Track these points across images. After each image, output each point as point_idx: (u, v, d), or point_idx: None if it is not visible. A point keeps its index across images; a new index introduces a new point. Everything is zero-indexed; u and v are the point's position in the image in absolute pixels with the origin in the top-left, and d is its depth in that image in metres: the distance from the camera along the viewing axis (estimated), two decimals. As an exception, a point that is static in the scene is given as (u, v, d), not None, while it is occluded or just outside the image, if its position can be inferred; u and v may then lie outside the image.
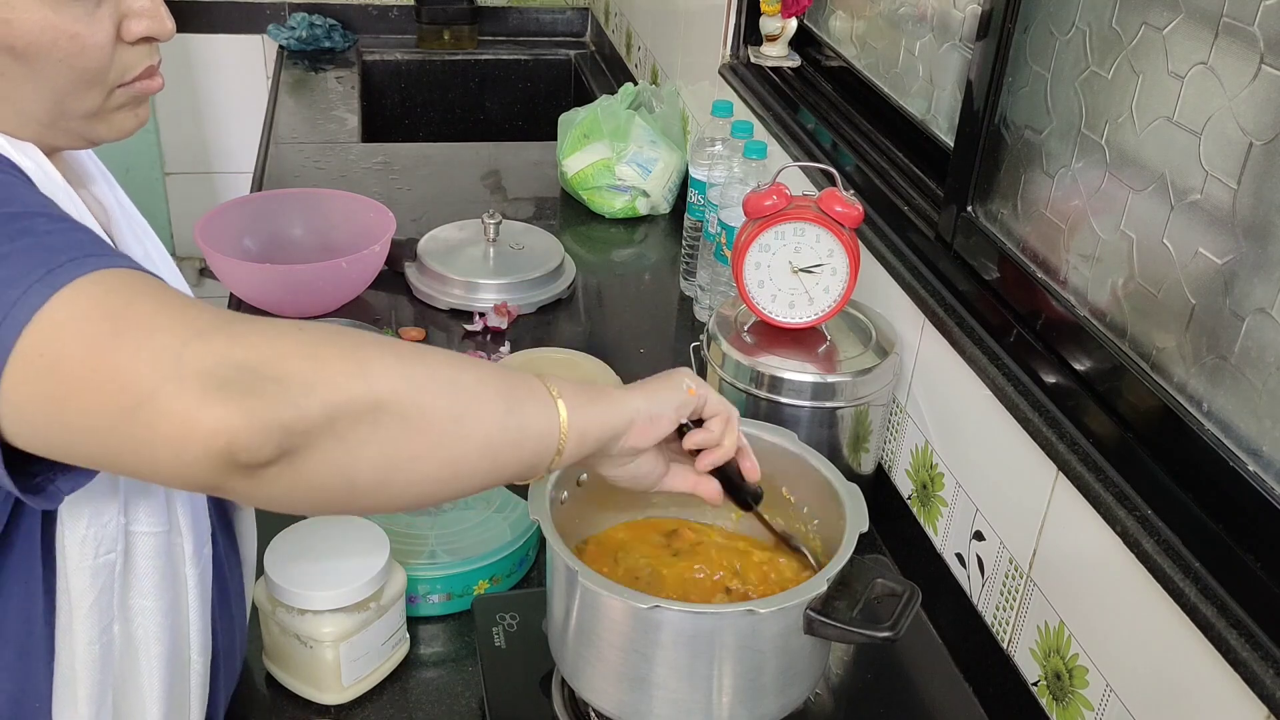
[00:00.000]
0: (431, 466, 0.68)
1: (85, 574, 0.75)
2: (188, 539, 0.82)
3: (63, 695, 0.77)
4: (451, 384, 0.69)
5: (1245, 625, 0.77)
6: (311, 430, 0.61)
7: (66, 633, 0.76)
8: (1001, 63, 1.13)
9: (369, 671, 1.03)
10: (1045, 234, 1.08)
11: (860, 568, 0.87)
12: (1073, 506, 0.96)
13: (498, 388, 0.72)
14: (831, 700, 1.05)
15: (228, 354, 0.60)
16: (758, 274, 1.23)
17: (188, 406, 0.58)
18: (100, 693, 0.77)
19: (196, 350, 0.59)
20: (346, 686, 1.01)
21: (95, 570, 0.75)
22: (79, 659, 0.76)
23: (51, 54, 0.71)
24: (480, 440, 0.70)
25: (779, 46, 1.82)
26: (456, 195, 2.11)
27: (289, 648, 1.00)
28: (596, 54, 3.04)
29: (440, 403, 0.68)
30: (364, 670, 1.02)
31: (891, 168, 1.41)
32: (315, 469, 0.63)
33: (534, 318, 1.69)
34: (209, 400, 0.58)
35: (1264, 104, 0.80)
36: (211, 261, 1.57)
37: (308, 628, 0.97)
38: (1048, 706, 1.01)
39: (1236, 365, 0.83)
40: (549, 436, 0.75)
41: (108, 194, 0.86)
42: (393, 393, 0.64)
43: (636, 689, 0.87)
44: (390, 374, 0.65)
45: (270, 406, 0.59)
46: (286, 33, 2.90)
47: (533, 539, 1.17)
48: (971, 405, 1.12)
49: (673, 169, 2.03)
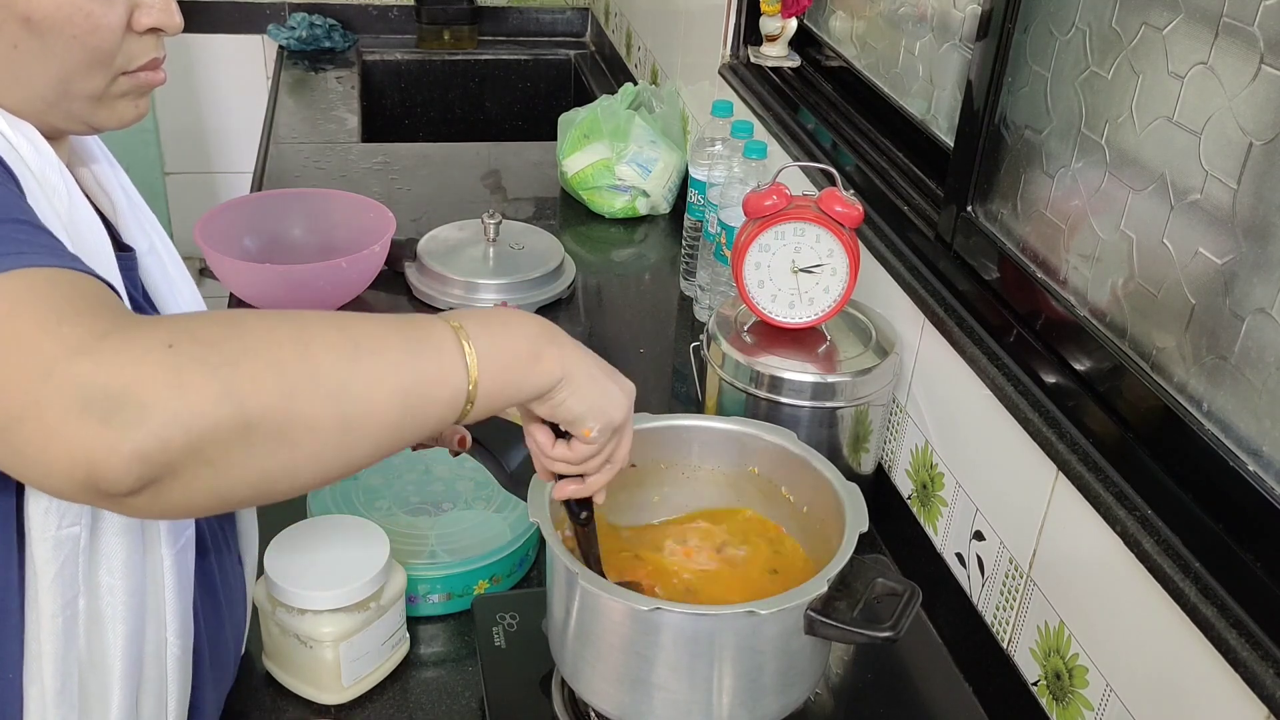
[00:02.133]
0: (315, 472, 0.66)
1: (48, 545, 0.74)
2: (164, 520, 0.81)
3: (31, 667, 0.77)
4: (340, 390, 0.65)
5: (1245, 625, 0.77)
6: (175, 460, 0.58)
7: (33, 604, 0.76)
8: (1001, 63, 1.13)
9: (369, 671, 1.03)
10: (1045, 234, 1.08)
11: (860, 568, 0.87)
12: (1073, 506, 0.96)
13: (399, 379, 0.68)
14: (831, 700, 1.05)
15: (93, 377, 0.57)
16: (758, 274, 1.23)
17: (50, 432, 0.57)
18: (65, 667, 0.77)
19: (64, 372, 0.57)
20: (346, 686, 1.01)
21: (58, 542, 0.74)
22: (44, 630, 0.76)
23: (65, 29, 0.73)
24: (372, 439, 0.67)
25: (779, 46, 1.82)
26: (456, 195, 2.11)
27: (289, 648, 1.00)
28: (596, 54, 3.04)
29: (325, 413, 0.64)
30: (364, 670, 1.02)
31: (891, 168, 1.41)
32: (185, 494, 0.61)
33: (534, 318, 1.69)
34: (70, 427, 0.57)
35: (1264, 104, 0.80)
36: (211, 261, 1.57)
37: (307, 627, 0.97)
38: (1048, 706, 1.01)
39: (1236, 365, 0.83)
40: (453, 408, 0.71)
41: (111, 177, 0.87)
42: (266, 411, 0.61)
43: (636, 690, 0.87)
44: (264, 391, 0.61)
45: (129, 437, 0.57)
46: (286, 33, 2.90)
47: (533, 539, 1.17)
48: (971, 405, 1.12)
49: (673, 169, 2.03)
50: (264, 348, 0.63)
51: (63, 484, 0.59)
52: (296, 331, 0.66)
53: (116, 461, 0.57)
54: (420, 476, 1.22)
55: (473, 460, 1.00)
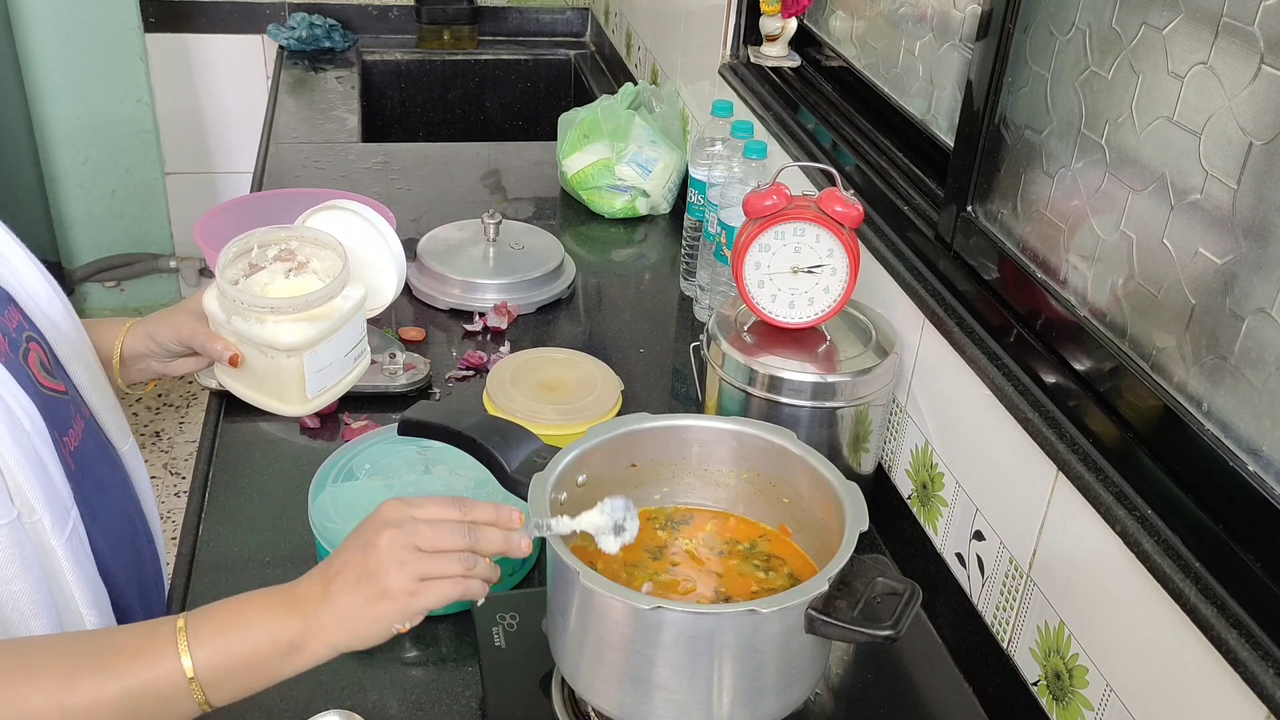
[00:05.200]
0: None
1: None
2: (46, 516, 0.83)
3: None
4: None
5: (1245, 625, 0.77)
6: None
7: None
8: (1001, 63, 1.13)
9: (332, 384, 1.00)
10: (1045, 234, 1.08)
11: (861, 567, 0.87)
12: (1073, 506, 0.96)
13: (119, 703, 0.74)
14: (831, 700, 1.05)
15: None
16: (758, 274, 1.23)
17: None
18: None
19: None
20: (311, 399, 0.99)
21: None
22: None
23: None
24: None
25: (779, 46, 1.82)
26: (456, 195, 2.11)
27: (249, 358, 0.97)
28: (596, 54, 3.04)
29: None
30: (327, 382, 0.99)
31: (891, 168, 1.41)
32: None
33: (534, 318, 1.69)
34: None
35: (1264, 104, 0.80)
36: (211, 262, 1.56)
37: (267, 334, 0.95)
38: (1048, 706, 1.01)
39: (1236, 365, 0.83)
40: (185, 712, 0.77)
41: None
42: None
43: (637, 689, 0.87)
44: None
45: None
46: (286, 33, 2.90)
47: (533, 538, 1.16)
48: (971, 405, 1.12)
49: (672, 169, 2.03)
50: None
51: None
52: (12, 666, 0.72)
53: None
54: (420, 477, 1.22)
55: (472, 460, 1.00)
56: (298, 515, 1.21)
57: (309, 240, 1.05)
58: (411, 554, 0.80)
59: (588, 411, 1.37)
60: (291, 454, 1.36)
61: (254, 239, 1.03)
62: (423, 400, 1.44)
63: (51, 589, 0.85)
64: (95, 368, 1.00)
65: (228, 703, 0.78)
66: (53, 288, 0.97)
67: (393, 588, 0.79)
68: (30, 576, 0.82)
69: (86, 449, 0.93)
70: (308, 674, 1.05)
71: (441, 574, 0.81)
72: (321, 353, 0.97)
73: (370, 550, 0.79)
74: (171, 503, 2.84)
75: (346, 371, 1.02)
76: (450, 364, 1.55)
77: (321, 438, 1.39)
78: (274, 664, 0.78)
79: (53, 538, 0.84)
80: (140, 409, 3.17)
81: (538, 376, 1.42)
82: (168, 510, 2.80)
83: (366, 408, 1.42)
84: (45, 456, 0.84)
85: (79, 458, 0.91)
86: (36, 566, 0.83)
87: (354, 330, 1.01)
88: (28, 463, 0.81)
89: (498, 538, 0.84)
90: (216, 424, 1.40)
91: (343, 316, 0.98)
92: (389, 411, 1.42)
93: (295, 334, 0.96)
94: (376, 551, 0.79)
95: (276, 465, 1.33)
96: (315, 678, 1.05)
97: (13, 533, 0.81)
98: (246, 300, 0.96)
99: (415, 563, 0.80)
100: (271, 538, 1.22)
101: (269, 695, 1.03)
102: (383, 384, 1.44)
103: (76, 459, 0.90)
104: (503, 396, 1.37)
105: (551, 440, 1.00)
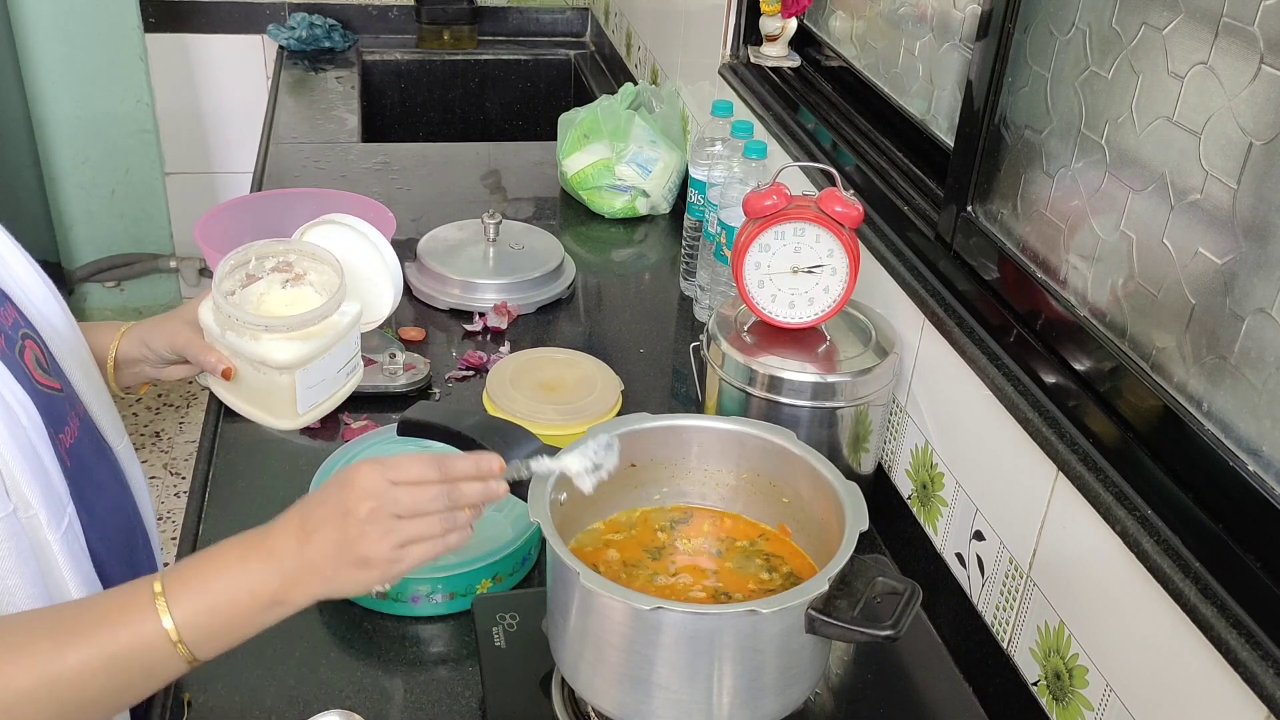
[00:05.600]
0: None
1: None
2: (42, 511, 0.83)
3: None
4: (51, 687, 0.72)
5: (1245, 625, 0.77)
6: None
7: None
8: (1001, 63, 1.13)
9: (324, 399, 1.00)
10: (1045, 234, 1.08)
11: (861, 567, 0.87)
12: (1073, 506, 0.96)
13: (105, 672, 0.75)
14: (831, 700, 1.05)
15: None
16: (758, 274, 1.23)
17: None
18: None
19: None
20: (302, 414, 0.99)
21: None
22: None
23: None
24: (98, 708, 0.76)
25: (779, 46, 1.82)
26: (456, 195, 2.11)
27: (242, 372, 0.98)
28: (596, 54, 3.04)
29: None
30: (319, 397, 0.99)
31: (891, 168, 1.41)
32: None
33: (534, 318, 1.69)
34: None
35: (1264, 104, 0.80)
36: (211, 262, 1.56)
37: (261, 351, 0.95)
38: (1048, 706, 1.01)
39: (1236, 365, 0.83)
40: (171, 669, 0.78)
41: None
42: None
43: (637, 689, 0.87)
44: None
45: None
46: (286, 33, 2.90)
47: (534, 538, 1.17)
48: (971, 405, 1.12)
49: (672, 169, 2.03)
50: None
51: None
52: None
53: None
54: (420, 476, 1.22)
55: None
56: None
57: (306, 254, 1.05)
58: (393, 523, 0.80)
59: (588, 411, 1.37)
60: (291, 454, 1.36)
61: (252, 251, 1.03)
62: (423, 400, 1.44)
63: (47, 584, 0.85)
64: (90, 367, 1.00)
65: (217, 654, 0.79)
66: (48, 287, 0.97)
67: (374, 557, 0.80)
68: (26, 571, 0.82)
69: (82, 446, 0.93)
70: (308, 674, 1.06)
71: (422, 537, 0.82)
72: (314, 370, 0.98)
73: (349, 520, 0.80)
74: (171, 503, 2.84)
75: (339, 387, 1.02)
76: (450, 364, 1.55)
77: (321, 438, 1.39)
78: (256, 617, 0.80)
79: (49, 533, 0.84)
80: (140, 409, 3.17)
81: (538, 376, 1.42)
82: (168, 510, 2.80)
83: (366, 408, 1.42)
84: (42, 452, 0.84)
85: (75, 455, 0.91)
86: (33, 561, 0.83)
87: (348, 347, 1.01)
88: (24, 458, 0.82)
89: (477, 490, 0.85)
90: (216, 424, 1.40)
91: (337, 334, 0.99)
92: (389, 411, 1.43)
93: (288, 351, 0.96)
94: (357, 522, 0.80)
95: (276, 465, 1.33)
96: (315, 677, 1.05)
97: (9, 527, 0.81)
98: (241, 317, 0.96)
99: (397, 531, 0.81)
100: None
101: (269, 695, 1.03)
102: (383, 384, 1.44)
103: (72, 456, 0.90)
104: (503, 396, 1.37)
105: (551, 440, 1.00)
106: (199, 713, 1.01)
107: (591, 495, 0.93)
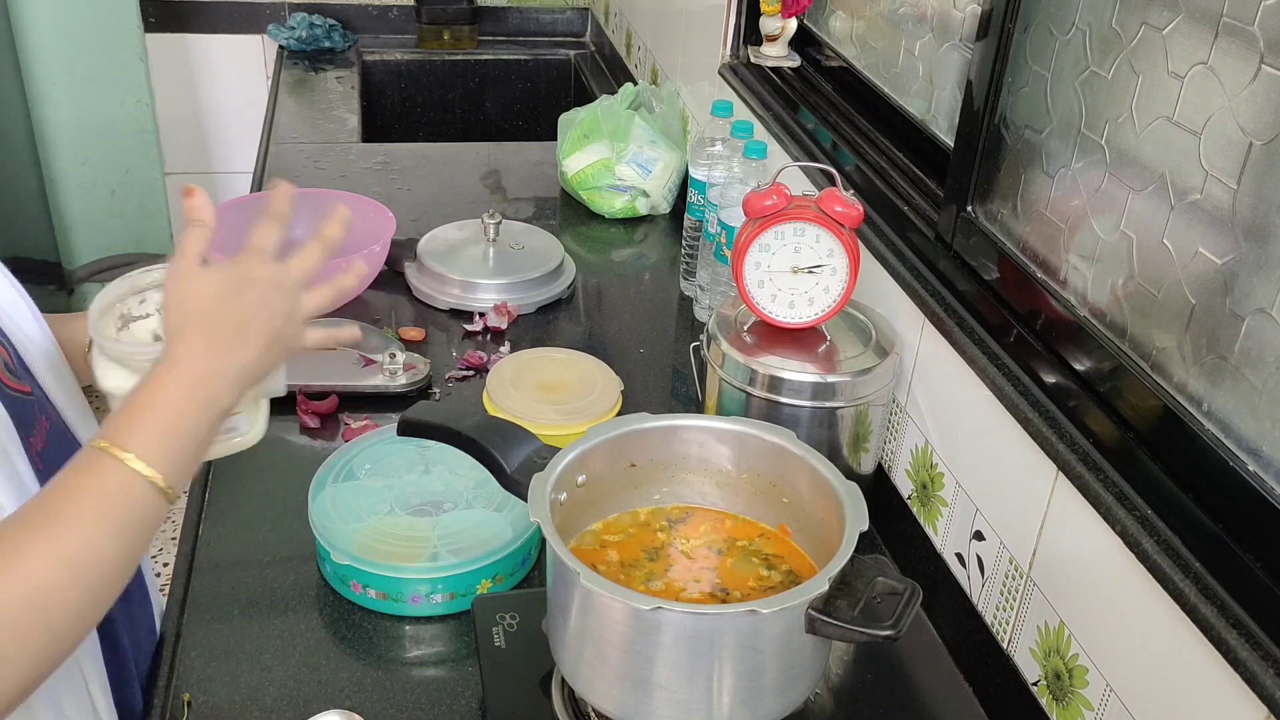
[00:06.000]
0: (36, 667, 0.73)
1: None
2: None
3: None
4: (36, 617, 0.72)
5: (1245, 625, 0.77)
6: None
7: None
8: (1001, 63, 1.13)
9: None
10: (1045, 234, 1.08)
11: (861, 567, 0.87)
12: (1073, 506, 0.96)
13: (96, 580, 0.76)
14: (831, 700, 1.05)
15: None
16: (758, 274, 1.23)
17: None
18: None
19: None
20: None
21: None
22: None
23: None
24: (90, 620, 0.78)
25: (779, 46, 1.82)
26: (456, 195, 2.11)
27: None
28: (596, 54, 3.04)
29: (28, 645, 0.72)
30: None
31: (891, 168, 1.41)
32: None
33: (534, 318, 1.69)
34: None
35: (1264, 104, 0.80)
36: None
37: (98, 373, 0.95)
38: (1048, 706, 1.01)
39: (1236, 365, 0.83)
40: (160, 501, 0.80)
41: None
42: None
43: (637, 689, 0.87)
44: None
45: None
46: (286, 33, 2.90)
47: (534, 537, 1.17)
48: (971, 405, 1.12)
49: (672, 169, 2.03)
50: None
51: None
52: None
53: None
54: (420, 477, 1.22)
55: (472, 460, 1.00)
56: (298, 515, 1.21)
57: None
58: (278, 296, 0.90)
59: (587, 411, 1.37)
60: (291, 454, 1.36)
61: (124, 288, 1.00)
62: (422, 400, 1.44)
63: None
64: (62, 368, 0.99)
65: (189, 476, 0.82)
66: (17, 289, 0.96)
67: (273, 320, 0.89)
68: None
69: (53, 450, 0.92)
70: (307, 674, 1.06)
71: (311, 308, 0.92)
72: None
73: (237, 302, 0.87)
74: (171, 503, 2.83)
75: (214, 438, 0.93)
76: (450, 364, 1.55)
77: (321, 438, 1.39)
78: (204, 419, 0.82)
79: None
80: (140, 409, 3.17)
81: (537, 376, 1.42)
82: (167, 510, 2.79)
83: (366, 408, 1.42)
84: (14, 455, 0.84)
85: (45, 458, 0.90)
86: None
87: None
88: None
89: (332, 236, 0.98)
90: (216, 424, 1.39)
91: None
92: (389, 411, 1.43)
93: (114, 379, 0.94)
94: (244, 304, 0.88)
95: (276, 465, 1.33)
96: (315, 678, 1.05)
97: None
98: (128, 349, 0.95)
99: (284, 303, 0.91)
100: (271, 538, 1.22)
101: (269, 695, 1.03)
102: (383, 384, 1.44)
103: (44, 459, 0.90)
104: (503, 397, 1.37)
105: (551, 440, 1.00)
106: (199, 713, 1.01)
107: (593, 498, 0.92)
